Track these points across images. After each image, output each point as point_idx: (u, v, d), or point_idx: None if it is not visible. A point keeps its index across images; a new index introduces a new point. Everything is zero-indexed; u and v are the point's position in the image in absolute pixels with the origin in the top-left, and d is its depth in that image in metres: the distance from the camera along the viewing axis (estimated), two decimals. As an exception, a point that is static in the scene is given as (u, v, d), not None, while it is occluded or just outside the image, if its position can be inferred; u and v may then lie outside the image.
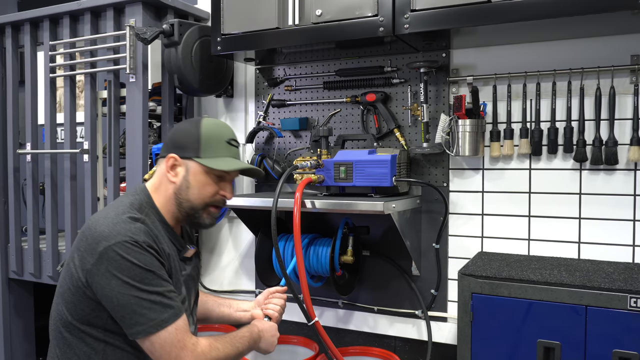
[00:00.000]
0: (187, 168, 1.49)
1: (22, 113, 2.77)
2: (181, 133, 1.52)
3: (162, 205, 1.52)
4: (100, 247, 1.34)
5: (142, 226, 1.41)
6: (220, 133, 1.54)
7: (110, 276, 1.33)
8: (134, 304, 1.33)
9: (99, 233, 1.36)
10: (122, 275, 1.33)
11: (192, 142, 1.49)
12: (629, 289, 1.57)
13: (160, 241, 1.44)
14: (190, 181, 1.49)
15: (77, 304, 1.40)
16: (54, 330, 1.47)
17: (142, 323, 1.34)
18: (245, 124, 2.63)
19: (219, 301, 1.86)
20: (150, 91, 2.41)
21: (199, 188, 1.50)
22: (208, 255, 2.75)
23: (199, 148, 1.49)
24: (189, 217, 1.53)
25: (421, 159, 2.25)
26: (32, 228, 2.68)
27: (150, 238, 1.40)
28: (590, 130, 1.98)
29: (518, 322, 1.69)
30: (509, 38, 2.05)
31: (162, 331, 1.34)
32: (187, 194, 1.50)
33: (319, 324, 1.85)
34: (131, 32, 2.26)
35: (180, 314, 1.39)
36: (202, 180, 1.50)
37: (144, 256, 1.35)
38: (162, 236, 1.47)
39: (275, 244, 1.83)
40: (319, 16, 2.00)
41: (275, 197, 1.88)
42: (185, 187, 1.49)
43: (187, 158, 1.49)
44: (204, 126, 1.51)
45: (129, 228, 1.37)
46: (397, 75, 2.27)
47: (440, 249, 2.22)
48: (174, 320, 1.36)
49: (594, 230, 2.00)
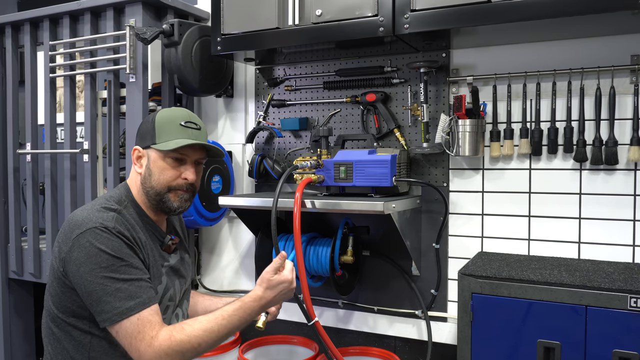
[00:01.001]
0: (148, 157, 1.53)
1: (22, 113, 2.77)
2: (142, 125, 1.58)
3: (138, 198, 1.55)
4: (73, 235, 1.38)
5: (115, 215, 1.44)
6: (173, 117, 1.55)
7: (80, 263, 1.35)
8: (100, 291, 1.34)
9: (74, 222, 1.41)
10: (90, 261, 1.34)
11: (148, 130, 1.53)
12: (629, 289, 1.57)
13: (136, 230, 1.46)
14: (151, 169, 1.52)
15: (61, 296, 1.42)
16: (45, 327, 1.49)
17: (107, 311, 1.34)
18: (245, 124, 2.63)
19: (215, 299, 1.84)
20: (150, 91, 2.41)
21: (158, 173, 1.52)
22: (208, 255, 2.75)
23: (154, 135, 1.52)
24: (158, 204, 1.54)
25: (421, 159, 2.25)
26: (32, 228, 2.68)
27: (122, 226, 1.42)
28: (590, 130, 1.98)
29: (518, 322, 1.69)
30: (509, 38, 2.05)
31: (125, 320, 1.34)
32: (150, 181, 1.52)
33: (319, 324, 1.85)
34: (131, 32, 2.26)
35: (148, 304, 1.37)
36: (161, 165, 1.52)
37: (112, 242, 1.37)
38: (139, 227, 1.49)
39: (275, 244, 1.83)
40: (319, 16, 2.00)
41: (275, 197, 1.88)
42: (148, 175, 1.53)
43: (146, 147, 1.53)
44: (159, 114, 1.55)
45: (101, 216, 1.41)
46: (397, 75, 2.27)
47: (440, 249, 2.22)
48: (139, 310, 1.35)
49: (594, 230, 2.00)
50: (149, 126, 1.53)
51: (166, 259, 1.57)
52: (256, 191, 2.60)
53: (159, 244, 1.56)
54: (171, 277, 1.57)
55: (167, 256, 1.58)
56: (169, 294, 1.54)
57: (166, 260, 1.57)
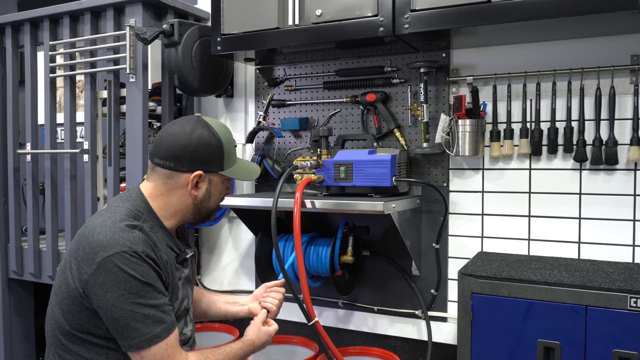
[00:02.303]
0: (209, 181, 1.51)
1: (22, 113, 2.77)
2: (203, 148, 1.46)
3: (163, 211, 1.50)
4: (98, 258, 1.32)
5: (141, 234, 1.39)
6: (232, 139, 1.57)
7: (107, 288, 1.32)
8: (128, 318, 1.32)
9: (97, 242, 1.35)
10: (119, 287, 1.31)
11: (217, 157, 1.50)
12: (629, 289, 1.57)
13: (158, 248, 1.43)
14: (212, 192, 1.53)
15: (75, 314, 1.39)
16: (52, 337, 1.46)
17: (134, 337, 1.33)
18: (245, 124, 2.63)
19: (214, 297, 1.86)
20: (150, 91, 2.41)
21: (218, 195, 1.56)
22: (208, 255, 2.75)
23: (222, 162, 1.51)
24: (203, 219, 1.59)
25: (421, 159, 2.25)
26: (32, 228, 2.68)
27: (148, 247, 1.39)
28: (590, 130, 1.98)
29: (518, 322, 1.69)
30: (509, 38, 2.05)
31: (153, 346, 1.34)
32: (208, 203, 1.54)
33: (319, 324, 1.85)
34: (131, 32, 2.26)
35: (172, 329, 1.38)
36: (221, 188, 1.56)
37: (141, 267, 1.34)
38: (160, 242, 1.45)
39: (275, 244, 1.83)
40: (319, 16, 2.00)
41: (275, 197, 1.88)
42: (207, 198, 1.53)
43: (211, 172, 1.51)
44: (222, 137, 1.50)
45: (127, 237, 1.35)
46: (397, 75, 2.27)
47: (440, 249, 2.22)
48: (166, 336, 1.36)
49: (594, 230, 2.00)
50: (216, 152, 1.48)
51: (182, 270, 1.55)
52: (256, 191, 2.60)
53: (176, 257, 1.52)
54: (185, 287, 1.56)
55: (181, 268, 1.56)
56: (184, 305, 1.54)
57: (182, 272, 1.55)
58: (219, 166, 1.50)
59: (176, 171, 1.47)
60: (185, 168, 1.47)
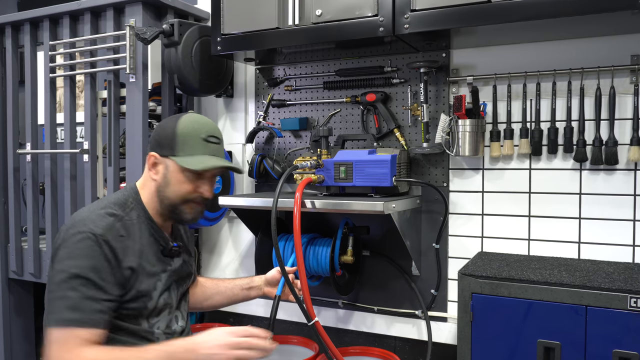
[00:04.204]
0: (166, 166, 1.51)
1: (22, 113, 2.77)
2: (161, 130, 1.53)
3: (147, 202, 1.54)
4: (67, 234, 1.40)
5: (113, 220, 1.43)
6: (197, 130, 1.51)
7: (58, 260, 1.38)
8: (53, 292, 1.35)
9: (73, 220, 1.43)
10: (62, 261, 1.36)
11: (169, 140, 1.50)
12: (629, 289, 1.57)
13: (132, 239, 1.45)
14: (169, 179, 1.51)
15: None
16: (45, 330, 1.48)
17: (49, 312, 1.35)
18: (245, 124, 2.63)
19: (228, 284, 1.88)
20: (150, 91, 2.41)
21: (176, 185, 1.51)
22: (208, 255, 2.75)
23: (174, 146, 1.49)
24: (170, 213, 1.55)
25: (421, 159, 2.25)
26: (32, 228, 2.68)
27: (112, 233, 1.40)
28: (590, 130, 1.98)
29: (518, 322, 1.69)
30: (509, 38, 2.05)
31: (56, 329, 1.32)
32: (166, 191, 1.52)
33: (319, 324, 1.85)
34: (131, 32, 2.25)
35: (87, 325, 1.32)
36: (179, 178, 1.50)
37: (89, 250, 1.36)
38: (141, 232, 1.48)
39: (275, 244, 1.83)
40: (319, 16, 2.00)
41: (275, 197, 1.88)
42: (165, 184, 1.51)
43: (165, 156, 1.51)
44: (181, 123, 1.51)
45: (95, 220, 1.41)
46: (397, 75, 2.27)
47: (440, 249, 2.22)
48: (74, 326, 1.31)
49: (594, 230, 2.00)
50: (170, 134, 1.50)
51: (168, 263, 1.56)
52: (256, 191, 2.60)
53: (161, 249, 1.54)
54: (170, 281, 1.56)
55: (169, 261, 1.57)
56: (163, 299, 1.52)
57: (168, 265, 1.56)
58: (170, 151, 1.49)
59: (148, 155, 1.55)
60: (149, 150, 1.54)
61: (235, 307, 2.64)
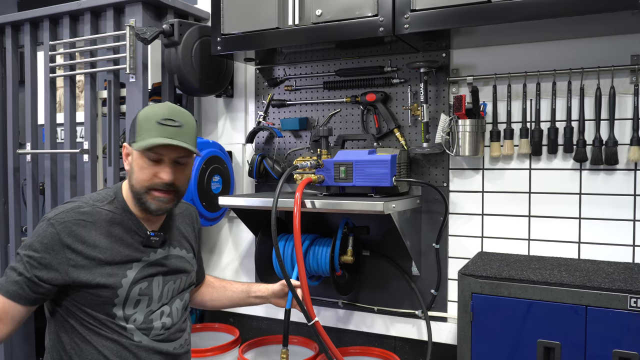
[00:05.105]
0: (132, 154, 1.52)
1: (22, 113, 2.77)
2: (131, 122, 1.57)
3: (126, 194, 1.57)
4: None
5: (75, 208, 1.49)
6: (152, 113, 1.49)
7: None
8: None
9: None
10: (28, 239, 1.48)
11: (132, 127, 1.52)
12: (629, 289, 1.57)
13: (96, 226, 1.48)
14: (133, 166, 1.51)
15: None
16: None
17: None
18: (245, 124, 2.63)
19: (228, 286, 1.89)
20: (150, 91, 2.41)
21: (138, 173, 1.49)
22: (208, 255, 2.75)
23: (134, 132, 1.50)
24: (138, 203, 1.53)
25: (421, 159, 2.25)
26: (32, 228, 2.68)
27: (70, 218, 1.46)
28: (590, 130, 1.98)
29: (518, 322, 1.69)
30: (509, 38, 2.05)
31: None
32: (132, 179, 1.52)
33: (319, 324, 1.85)
34: (131, 32, 2.26)
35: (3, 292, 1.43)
36: (140, 163, 1.49)
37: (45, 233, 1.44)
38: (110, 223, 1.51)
39: (275, 244, 1.83)
40: (319, 16, 2.00)
41: (275, 197, 1.88)
42: (131, 173, 1.52)
43: (130, 144, 1.52)
44: (141, 111, 1.52)
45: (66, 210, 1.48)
46: (397, 75, 2.27)
47: (440, 249, 2.22)
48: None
49: (594, 230, 2.00)
50: (132, 123, 1.53)
51: (146, 253, 1.55)
52: (256, 191, 2.60)
53: (140, 240, 1.55)
54: (149, 272, 1.54)
55: (147, 251, 1.55)
56: (137, 288, 1.50)
57: (145, 255, 1.55)
58: (132, 138, 1.51)
59: None
60: None
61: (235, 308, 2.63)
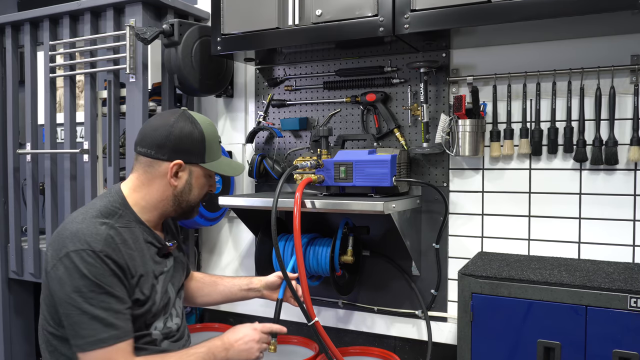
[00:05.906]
0: (190, 172, 1.52)
1: (22, 113, 2.77)
2: (185, 138, 1.49)
3: (137, 205, 1.50)
4: (61, 253, 1.35)
5: (107, 232, 1.38)
6: (215, 134, 1.57)
7: (62, 283, 1.33)
8: (76, 316, 1.32)
9: (64, 238, 1.37)
10: (72, 284, 1.32)
11: (198, 148, 1.51)
12: (629, 289, 1.57)
13: (128, 246, 1.42)
14: (192, 184, 1.54)
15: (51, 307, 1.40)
16: (41, 335, 1.48)
17: (79, 337, 1.32)
18: (245, 124, 2.63)
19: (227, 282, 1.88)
20: (150, 91, 2.41)
21: (199, 189, 1.56)
22: (208, 255, 2.75)
23: (204, 154, 1.52)
24: (184, 214, 1.58)
25: (421, 159, 2.25)
26: (32, 228, 2.68)
27: (111, 247, 1.37)
28: (590, 130, 1.98)
29: (518, 322, 1.69)
30: (509, 38, 2.05)
31: (96, 350, 1.32)
32: (188, 196, 1.54)
33: (319, 324, 1.85)
34: (131, 32, 2.25)
35: (124, 338, 1.35)
36: (203, 182, 1.57)
37: (96, 269, 1.33)
38: (135, 239, 1.45)
39: (275, 244, 1.83)
40: (319, 16, 2.00)
41: (275, 197, 1.88)
42: (188, 190, 1.53)
43: (192, 163, 1.51)
44: (205, 130, 1.52)
45: (91, 234, 1.36)
46: (397, 75, 2.27)
47: (440, 249, 2.22)
48: (114, 343, 1.33)
49: (594, 230, 2.00)
50: (198, 143, 1.50)
51: (164, 264, 1.56)
52: (256, 191, 2.60)
53: (156, 251, 1.53)
54: (166, 282, 1.56)
55: (164, 262, 1.56)
56: (163, 300, 1.52)
57: (164, 266, 1.55)
58: (200, 158, 1.52)
59: (157, 159, 1.49)
60: (166, 157, 1.48)
61: (235, 307, 2.64)
